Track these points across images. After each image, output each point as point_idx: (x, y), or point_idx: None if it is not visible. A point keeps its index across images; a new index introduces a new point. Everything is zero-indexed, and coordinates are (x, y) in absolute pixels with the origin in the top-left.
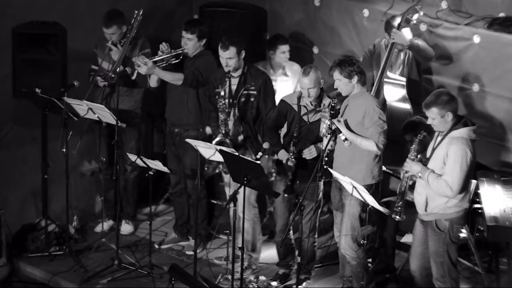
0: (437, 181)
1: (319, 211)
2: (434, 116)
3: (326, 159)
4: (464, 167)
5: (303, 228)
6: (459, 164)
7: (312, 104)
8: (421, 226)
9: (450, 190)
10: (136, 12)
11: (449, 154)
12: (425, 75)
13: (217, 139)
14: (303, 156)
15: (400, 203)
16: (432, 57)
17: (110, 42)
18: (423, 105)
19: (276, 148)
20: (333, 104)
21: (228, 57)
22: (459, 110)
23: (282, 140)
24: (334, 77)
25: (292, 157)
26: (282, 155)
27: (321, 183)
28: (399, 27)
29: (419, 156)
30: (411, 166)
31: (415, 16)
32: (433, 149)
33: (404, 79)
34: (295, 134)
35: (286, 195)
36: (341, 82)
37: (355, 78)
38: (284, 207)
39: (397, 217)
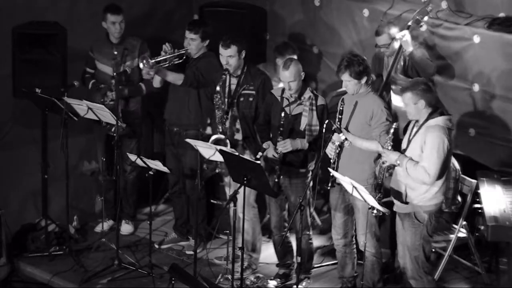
0: (414, 167)
1: (310, 207)
2: (407, 102)
3: (334, 167)
4: (441, 153)
5: (296, 226)
6: (436, 151)
7: (292, 96)
8: (400, 221)
9: (428, 176)
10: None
11: (427, 141)
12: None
13: (213, 137)
14: (277, 148)
15: (379, 196)
16: (432, 73)
17: (113, 74)
18: (400, 90)
19: (263, 140)
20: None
21: (229, 55)
22: (459, 110)
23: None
24: (343, 79)
25: (277, 149)
26: (268, 149)
27: (310, 181)
28: (409, 28)
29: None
30: (388, 156)
31: (426, 18)
32: (409, 140)
33: (410, 79)
34: (280, 123)
35: None
36: (350, 83)
37: (364, 78)
38: (274, 204)
39: (374, 211)
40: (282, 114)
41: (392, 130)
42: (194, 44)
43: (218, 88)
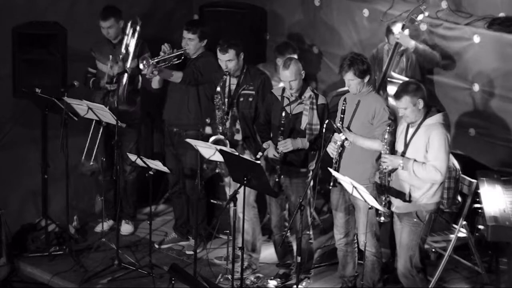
0: (423, 168)
1: (310, 207)
2: (406, 105)
3: (335, 165)
4: (447, 150)
5: (297, 226)
6: (443, 148)
7: (293, 96)
8: (398, 221)
9: (440, 174)
10: (130, 23)
11: (432, 140)
12: (426, 75)
13: (213, 138)
14: (278, 147)
15: (384, 202)
16: (438, 61)
17: (110, 59)
18: (393, 96)
19: (264, 140)
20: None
21: (228, 59)
22: (459, 110)
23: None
24: (346, 78)
25: (278, 149)
26: (269, 148)
27: (310, 180)
28: (403, 27)
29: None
30: (391, 160)
31: (420, 17)
32: (407, 142)
33: (408, 79)
34: (281, 122)
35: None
36: (353, 82)
37: (367, 77)
38: (275, 203)
39: (382, 218)
40: (283, 114)
41: (386, 135)
42: (192, 44)
43: (218, 89)
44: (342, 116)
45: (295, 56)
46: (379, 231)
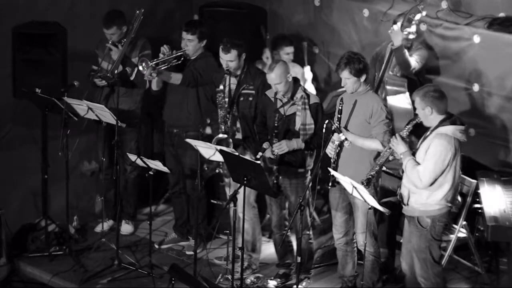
0: (412, 168)
1: (309, 207)
2: (416, 106)
3: (334, 165)
4: (439, 162)
5: (297, 226)
6: (435, 158)
7: (285, 97)
8: (407, 223)
9: (420, 181)
10: (137, 12)
11: (430, 147)
12: (426, 75)
13: (217, 137)
14: (273, 149)
15: (373, 172)
16: (411, 72)
17: (110, 43)
18: (413, 93)
19: (263, 140)
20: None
21: (229, 59)
22: (458, 109)
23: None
24: (342, 76)
25: (274, 150)
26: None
27: (308, 180)
28: (402, 27)
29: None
30: (397, 144)
31: (418, 16)
32: (420, 143)
33: (405, 79)
34: (274, 125)
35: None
36: (349, 81)
37: (364, 76)
38: (275, 203)
39: (364, 183)
40: (277, 115)
41: (414, 122)
42: (192, 45)
43: (221, 87)
44: (339, 116)
45: (291, 49)
46: (377, 230)
